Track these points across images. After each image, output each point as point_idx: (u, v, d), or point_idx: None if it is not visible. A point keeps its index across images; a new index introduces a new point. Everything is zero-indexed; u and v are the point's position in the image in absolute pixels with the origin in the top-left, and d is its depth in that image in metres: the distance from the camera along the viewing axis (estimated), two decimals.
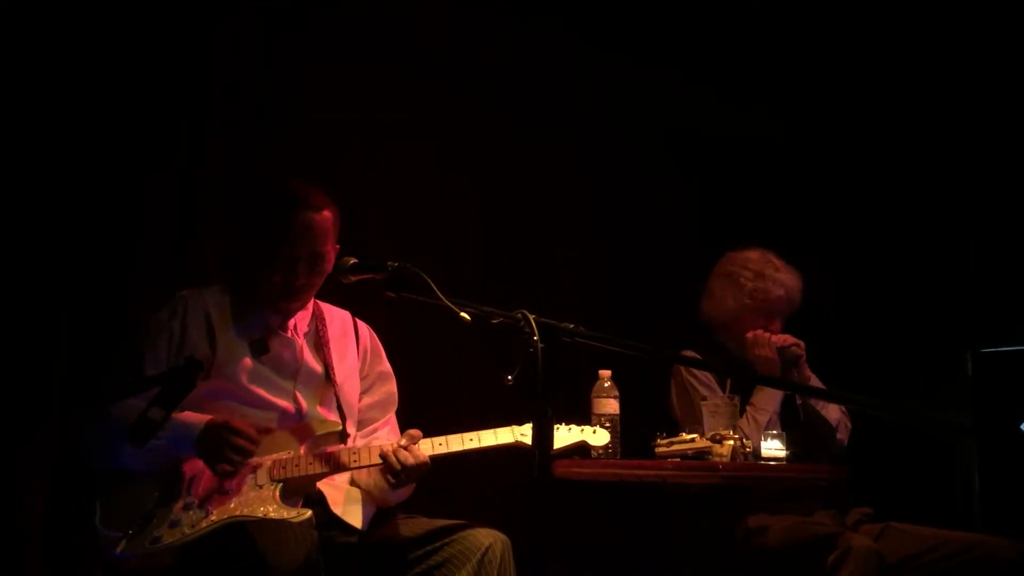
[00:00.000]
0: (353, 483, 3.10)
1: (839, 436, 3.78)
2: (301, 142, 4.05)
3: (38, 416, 3.44)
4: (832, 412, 3.79)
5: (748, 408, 3.65)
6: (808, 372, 3.76)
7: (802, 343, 3.75)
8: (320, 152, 4.08)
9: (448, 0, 4.46)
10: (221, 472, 2.81)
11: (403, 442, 2.95)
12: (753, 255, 3.84)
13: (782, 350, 3.72)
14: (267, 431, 2.90)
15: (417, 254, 3.22)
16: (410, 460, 2.91)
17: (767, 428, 3.56)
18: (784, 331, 3.80)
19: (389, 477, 2.95)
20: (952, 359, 4.48)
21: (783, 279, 3.79)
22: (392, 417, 3.24)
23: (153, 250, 3.76)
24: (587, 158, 4.74)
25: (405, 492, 3.07)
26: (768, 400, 3.66)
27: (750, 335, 3.75)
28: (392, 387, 3.25)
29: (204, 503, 2.80)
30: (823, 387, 3.82)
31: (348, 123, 4.17)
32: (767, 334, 3.75)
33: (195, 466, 2.86)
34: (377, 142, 4.25)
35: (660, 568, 4.09)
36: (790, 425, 3.65)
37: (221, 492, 2.83)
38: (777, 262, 3.82)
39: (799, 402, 3.74)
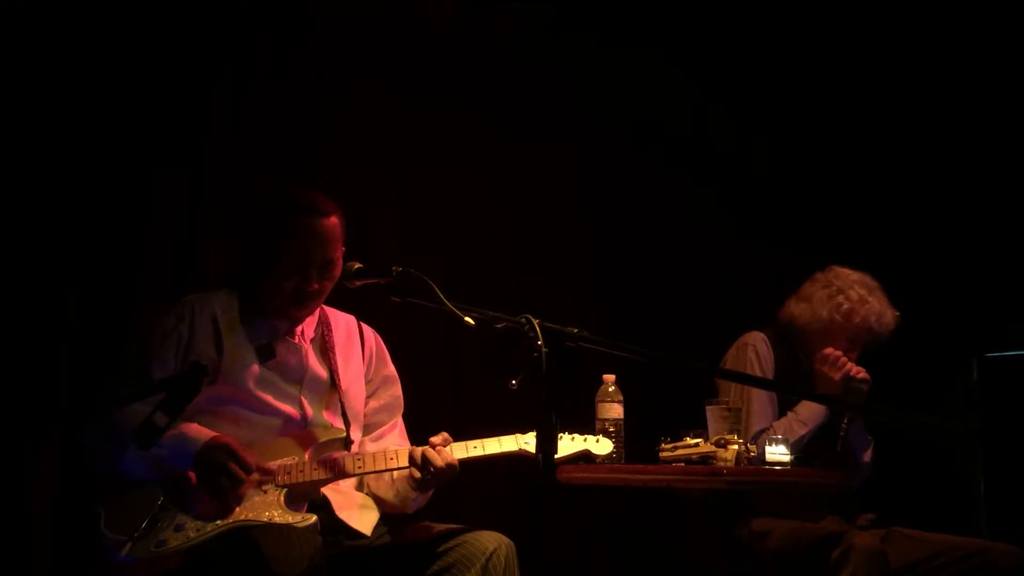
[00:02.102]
0: (363, 489, 3.11)
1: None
2: (302, 142, 4.05)
3: (44, 419, 3.44)
4: (867, 455, 3.79)
5: (790, 413, 3.61)
6: None
7: (870, 382, 3.66)
8: (320, 153, 4.08)
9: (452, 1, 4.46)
10: (212, 494, 2.79)
11: (436, 441, 2.96)
12: (864, 279, 3.74)
13: (850, 379, 3.63)
14: (267, 471, 2.85)
15: (417, 254, 3.23)
16: (438, 461, 2.91)
17: (798, 440, 3.52)
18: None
19: (415, 476, 2.93)
20: (957, 364, 4.48)
21: (884, 314, 3.70)
22: (399, 420, 3.25)
23: (160, 254, 3.75)
24: (587, 158, 4.72)
25: (423, 499, 3.08)
26: (812, 417, 3.59)
27: (828, 351, 3.65)
28: (398, 390, 3.25)
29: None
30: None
31: (349, 123, 4.17)
32: (845, 358, 3.65)
33: None
34: (378, 143, 4.25)
35: (664, 571, 4.09)
36: (824, 449, 3.63)
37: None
38: (882, 296, 3.73)
39: (842, 434, 3.68)
